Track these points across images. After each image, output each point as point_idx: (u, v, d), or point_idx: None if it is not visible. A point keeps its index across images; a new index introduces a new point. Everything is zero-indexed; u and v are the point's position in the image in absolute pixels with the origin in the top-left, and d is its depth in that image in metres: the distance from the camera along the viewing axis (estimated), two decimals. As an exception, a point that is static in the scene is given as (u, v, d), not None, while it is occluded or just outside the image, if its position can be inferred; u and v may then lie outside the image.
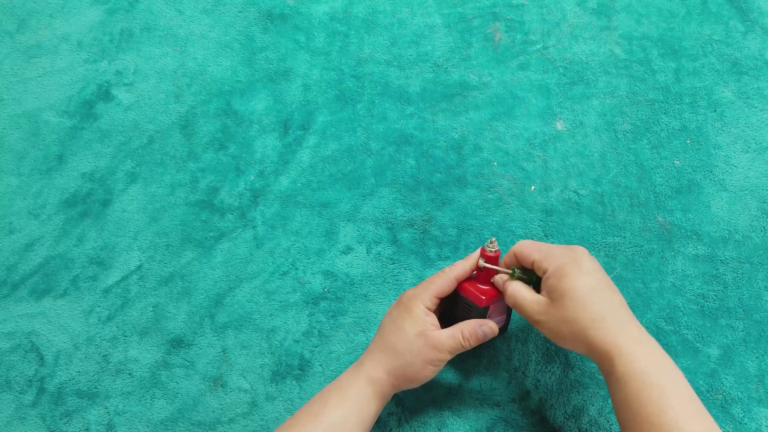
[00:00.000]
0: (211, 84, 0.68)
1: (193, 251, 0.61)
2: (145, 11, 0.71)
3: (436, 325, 0.48)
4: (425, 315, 0.48)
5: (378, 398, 0.48)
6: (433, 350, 0.47)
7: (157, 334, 0.59)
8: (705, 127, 0.64)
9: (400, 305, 0.50)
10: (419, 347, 0.47)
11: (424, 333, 0.47)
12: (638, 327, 0.44)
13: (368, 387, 0.47)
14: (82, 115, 0.67)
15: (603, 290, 0.44)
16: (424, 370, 0.47)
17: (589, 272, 0.45)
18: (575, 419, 0.55)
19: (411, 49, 0.68)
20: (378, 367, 0.48)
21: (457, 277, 0.50)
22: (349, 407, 0.46)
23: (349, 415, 0.46)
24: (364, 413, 0.46)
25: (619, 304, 0.45)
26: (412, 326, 0.47)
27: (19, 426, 0.56)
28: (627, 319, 0.44)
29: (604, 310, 0.43)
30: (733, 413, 0.55)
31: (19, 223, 0.63)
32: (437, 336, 0.47)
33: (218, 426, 0.56)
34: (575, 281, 0.44)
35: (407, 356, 0.47)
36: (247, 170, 0.64)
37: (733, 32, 0.68)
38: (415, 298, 0.49)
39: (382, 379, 0.47)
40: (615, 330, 0.42)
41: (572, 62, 0.67)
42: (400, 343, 0.47)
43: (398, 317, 0.49)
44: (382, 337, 0.49)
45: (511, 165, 0.64)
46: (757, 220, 0.61)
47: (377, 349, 0.49)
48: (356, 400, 0.46)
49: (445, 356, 0.47)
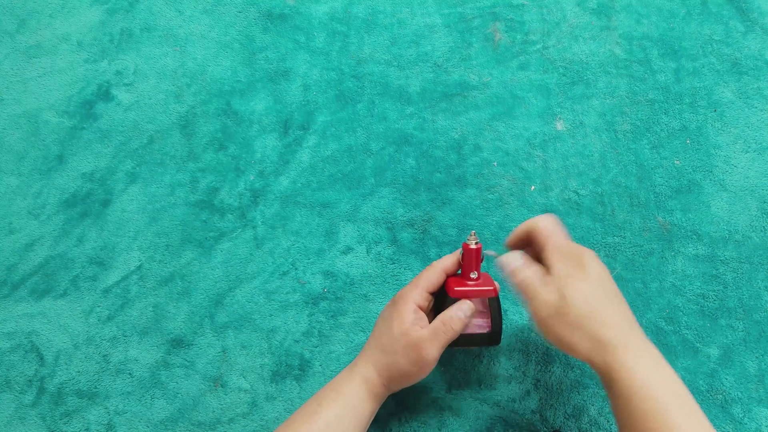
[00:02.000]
0: (211, 84, 0.68)
1: (193, 251, 0.61)
2: (145, 11, 0.71)
3: (423, 324, 0.48)
4: (413, 313, 0.48)
5: (372, 397, 0.48)
6: (415, 348, 0.46)
7: (157, 334, 0.59)
8: (705, 127, 0.64)
9: (390, 304, 0.50)
10: (403, 345, 0.47)
11: (406, 332, 0.47)
12: (641, 338, 0.43)
13: (362, 386, 0.47)
14: (82, 115, 0.67)
15: (608, 299, 0.44)
16: (411, 369, 0.47)
17: (595, 279, 0.44)
18: (575, 419, 0.55)
19: (411, 49, 0.68)
20: (369, 366, 0.48)
21: (444, 269, 0.50)
22: (343, 406, 0.46)
23: (344, 414, 0.46)
24: (359, 412, 0.47)
25: (622, 315, 0.44)
26: (398, 325, 0.47)
27: (19, 426, 0.56)
28: (628, 331, 0.43)
29: (608, 320, 0.42)
30: (733, 413, 0.55)
31: (19, 223, 0.63)
32: (419, 333, 0.47)
33: (218, 426, 0.56)
34: (580, 287, 0.43)
35: (392, 356, 0.47)
36: (247, 170, 0.64)
37: (733, 32, 0.68)
38: (404, 296, 0.49)
39: (374, 379, 0.48)
40: (617, 343, 0.42)
41: (572, 62, 0.67)
42: (387, 342, 0.48)
43: (388, 316, 0.49)
44: (374, 336, 0.49)
45: (511, 165, 0.64)
46: (757, 220, 0.61)
47: (369, 348, 0.49)
48: (350, 399, 0.46)
49: (431, 352, 0.47)
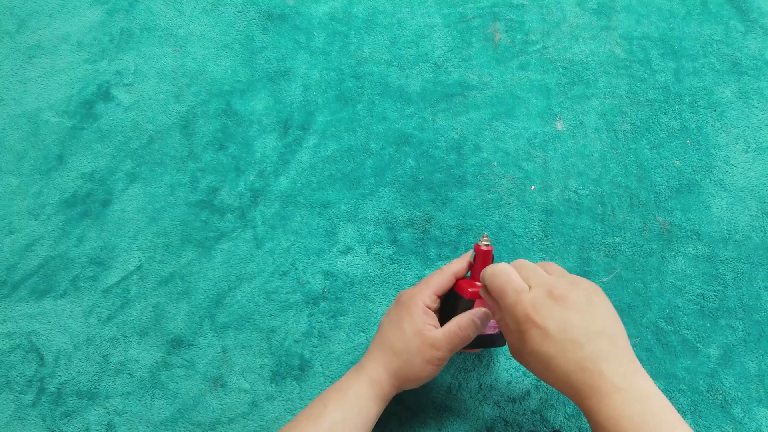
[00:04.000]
0: (211, 84, 0.68)
1: (193, 251, 0.61)
2: (145, 11, 0.71)
3: (435, 324, 0.48)
4: (424, 314, 0.48)
5: (378, 399, 0.47)
6: (431, 348, 0.47)
7: (157, 334, 0.59)
8: (705, 127, 0.64)
9: (398, 305, 0.50)
10: (417, 346, 0.47)
11: (421, 332, 0.47)
12: (614, 363, 0.38)
13: (369, 388, 0.47)
14: (82, 115, 0.67)
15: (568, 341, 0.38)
16: (424, 370, 0.47)
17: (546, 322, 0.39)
18: (575, 419, 0.55)
19: (411, 49, 0.68)
20: (378, 368, 0.48)
21: (455, 273, 0.50)
22: (349, 408, 0.46)
23: (349, 416, 0.46)
24: (365, 414, 0.46)
25: (593, 338, 0.38)
26: (410, 325, 0.47)
27: (19, 426, 0.56)
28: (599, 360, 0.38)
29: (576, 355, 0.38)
30: (733, 413, 0.55)
31: (19, 223, 0.63)
32: (434, 334, 0.47)
33: (218, 426, 0.56)
34: (537, 332, 0.39)
35: (406, 356, 0.47)
36: (247, 170, 0.64)
37: (733, 32, 0.68)
38: (414, 297, 0.49)
39: (383, 380, 0.47)
40: (590, 373, 0.37)
41: (572, 62, 0.67)
42: (399, 343, 0.47)
43: (396, 317, 0.49)
44: (381, 337, 0.49)
45: (511, 165, 0.64)
46: (757, 220, 0.61)
47: (377, 349, 0.49)
48: (356, 401, 0.46)
49: (444, 354, 0.47)
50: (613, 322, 0.40)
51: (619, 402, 0.36)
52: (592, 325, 0.38)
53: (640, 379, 0.38)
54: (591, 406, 0.37)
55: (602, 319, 0.39)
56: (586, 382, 0.37)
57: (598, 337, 0.38)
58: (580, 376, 0.38)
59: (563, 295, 0.39)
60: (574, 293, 0.40)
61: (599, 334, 0.38)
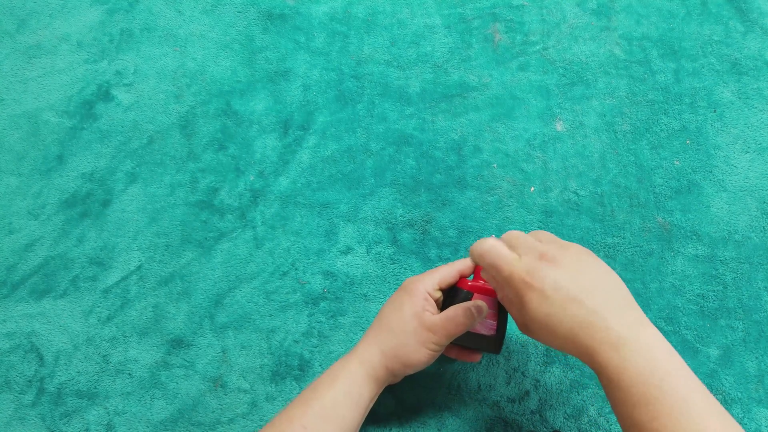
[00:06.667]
0: (210, 84, 0.68)
1: (192, 251, 0.61)
2: (145, 11, 0.71)
3: (433, 311, 0.48)
4: (424, 299, 0.48)
5: (371, 380, 0.47)
6: (427, 331, 0.47)
7: (156, 334, 0.59)
8: (705, 127, 0.64)
9: (401, 289, 0.50)
10: (414, 327, 0.47)
11: (419, 314, 0.47)
12: (619, 324, 0.38)
13: (360, 368, 0.47)
14: (81, 115, 0.67)
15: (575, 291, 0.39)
16: (418, 351, 0.47)
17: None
18: (575, 419, 0.55)
19: (411, 49, 0.68)
20: (370, 348, 0.48)
21: (461, 270, 0.50)
22: (339, 389, 0.46)
23: (340, 397, 0.46)
24: (356, 395, 0.46)
25: (599, 298, 0.39)
26: (410, 307, 0.48)
27: (19, 426, 0.56)
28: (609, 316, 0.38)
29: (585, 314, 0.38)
30: (733, 413, 0.55)
31: (19, 223, 0.63)
32: (431, 318, 0.47)
33: (218, 426, 0.56)
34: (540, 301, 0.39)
35: (401, 336, 0.47)
36: (247, 170, 0.64)
37: (733, 32, 0.68)
38: (417, 281, 0.49)
39: (374, 360, 0.47)
40: (597, 332, 0.37)
41: (572, 63, 0.67)
42: (396, 323, 0.48)
43: (398, 300, 0.49)
44: (380, 318, 0.49)
45: (511, 166, 0.64)
46: (756, 220, 0.61)
47: (372, 330, 0.49)
48: (347, 382, 0.46)
49: (438, 338, 0.47)
50: (608, 277, 0.40)
51: (626, 353, 0.37)
52: (587, 281, 0.39)
53: (645, 327, 0.38)
54: (600, 361, 0.37)
55: (596, 274, 0.40)
56: (594, 337, 0.38)
57: (596, 290, 0.39)
58: (586, 332, 0.38)
59: (554, 257, 0.40)
60: (566, 254, 0.40)
61: (596, 288, 0.39)
